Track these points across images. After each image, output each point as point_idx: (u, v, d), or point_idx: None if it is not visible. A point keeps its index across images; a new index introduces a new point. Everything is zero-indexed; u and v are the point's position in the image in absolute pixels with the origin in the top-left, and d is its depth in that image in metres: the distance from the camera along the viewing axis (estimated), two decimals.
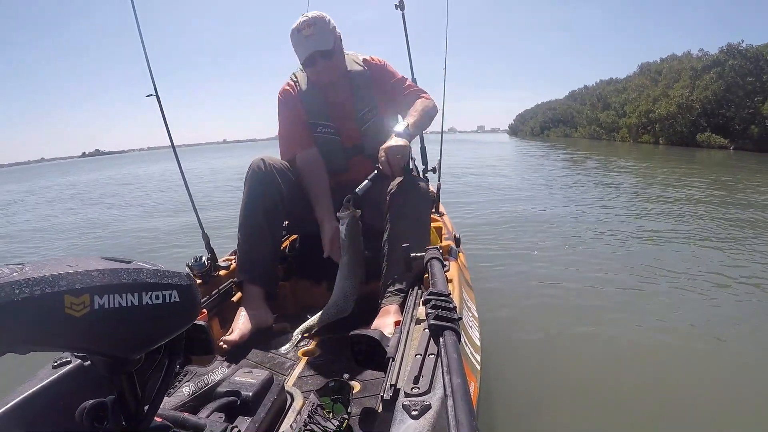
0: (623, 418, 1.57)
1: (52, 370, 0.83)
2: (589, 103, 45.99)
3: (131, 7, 1.48)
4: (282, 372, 1.21)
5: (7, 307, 0.41)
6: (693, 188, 7.50)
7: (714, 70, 24.27)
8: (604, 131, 38.60)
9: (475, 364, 1.15)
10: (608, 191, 7.38)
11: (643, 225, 4.69)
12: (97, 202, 10.06)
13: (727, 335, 2.15)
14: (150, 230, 5.72)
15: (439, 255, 1.31)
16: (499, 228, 4.59)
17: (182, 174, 1.66)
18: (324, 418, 0.90)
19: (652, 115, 28.75)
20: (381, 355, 0.94)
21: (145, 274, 0.52)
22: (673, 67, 30.64)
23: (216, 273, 1.55)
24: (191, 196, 1.65)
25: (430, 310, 0.83)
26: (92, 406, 0.54)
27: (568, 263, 3.30)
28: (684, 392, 1.70)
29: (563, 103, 59.79)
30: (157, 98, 1.54)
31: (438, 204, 2.27)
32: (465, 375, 0.60)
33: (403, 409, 0.63)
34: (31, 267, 0.45)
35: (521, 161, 15.49)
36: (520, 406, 1.63)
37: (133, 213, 7.34)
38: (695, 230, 4.40)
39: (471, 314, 1.40)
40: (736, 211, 5.29)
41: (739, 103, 22.75)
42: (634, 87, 35.39)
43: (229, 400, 0.88)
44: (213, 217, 4.99)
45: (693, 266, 3.21)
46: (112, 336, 0.50)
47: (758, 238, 4.06)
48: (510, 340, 2.10)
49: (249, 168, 1.53)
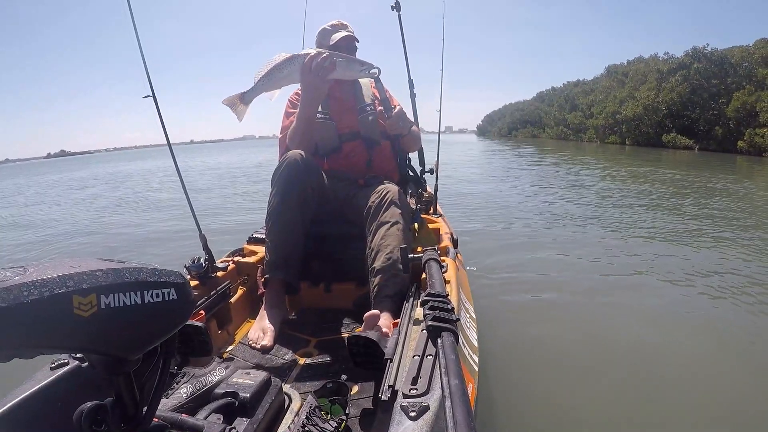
0: (622, 418, 1.58)
1: (50, 371, 0.82)
2: (556, 104, 46.60)
3: (128, 9, 1.47)
4: (280, 373, 1.21)
5: (17, 310, 0.41)
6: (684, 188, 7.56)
7: (680, 73, 24.87)
8: (572, 132, 39.20)
9: (473, 365, 1.15)
10: (603, 192, 7.41)
11: (636, 224, 4.71)
12: (83, 202, 9.83)
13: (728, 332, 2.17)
14: (143, 229, 5.67)
15: (436, 256, 1.31)
16: (494, 231, 4.59)
17: (179, 175, 1.65)
18: (322, 420, 0.90)
19: (619, 117, 29.33)
20: (379, 356, 0.95)
21: (144, 273, 0.53)
22: (640, 70, 31.12)
23: (214, 274, 1.54)
24: (188, 197, 1.64)
25: (428, 311, 0.83)
26: (91, 408, 0.54)
27: (565, 263, 3.31)
28: (684, 392, 1.71)
29: (531, 104, 60.31)
30: (154, 99, 1.53)
31: (435, 205, 2.27)
32: (463, 376, 0.61)
33: (401, 410, 0.64)
34: (34, 269, 0.45)
35: (498, 162, 15.70)
36: (518, 406, 1.64)
37: (131, 214, 7.28)
38: (692, 227, 4.44)
39: (469, 315, 1.40)
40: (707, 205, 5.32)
41: (704, 104, 23.38)
42: (602, 89, 36.02)
43: (227, 402, 0.88)
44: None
45: (693, 262, 3.23)
46: (116, 335, 0.50)
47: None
48: (508, 341, 2.11)
49: (284, 160, 1.53)
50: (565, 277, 2.99)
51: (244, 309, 1.59)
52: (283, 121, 1.80)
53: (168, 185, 11.16)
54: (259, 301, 1.54)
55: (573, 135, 38.70)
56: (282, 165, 1.53)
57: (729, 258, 3.44)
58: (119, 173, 18.68)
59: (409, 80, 2.20)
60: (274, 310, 1.47)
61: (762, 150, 18.02)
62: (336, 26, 1.83)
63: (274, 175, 1.56)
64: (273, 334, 1.38)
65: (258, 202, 6.87)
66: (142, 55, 1.50)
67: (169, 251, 4.24)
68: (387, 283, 1.34)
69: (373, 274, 1.39)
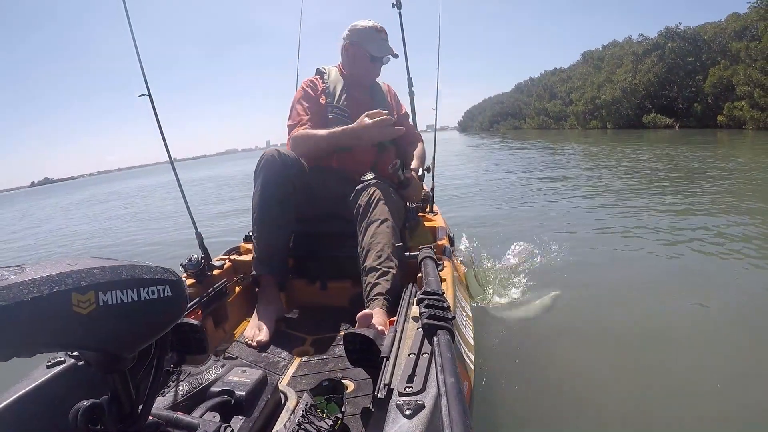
0: (621, 417, 1.58)
1: (46, 369, 0.82)
2: (535, 94, 47.01)
3: (124, 12, 1.46)
4: (276, 371, 1.21)
5: (17, 308, 0.41)
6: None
7: (655, 53, 25.20)
8: (553, 120, 39.56)
9: (469, 364, 1.16)
10: (596, 182, 7.42)
11: (628, 213, 4.72)
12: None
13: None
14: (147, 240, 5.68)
15: (432, 254, 1.32)
16: (490, 225, 4.60)
17: (176, 177, 1.66)
18: (318, 418, 0.90)
19: (598, 101, 29.62)
20: (375, 354, 0.95)
21: (139, 270, 0.53)
22: (615, 54, 31.48)
23: (210, 272, 1.54)
24: (185, 197, 1.65)
25: (423, 309, 0.84)
26: (87, 407, 0.55)
27: (562, 259, 3.31)
28: (685, 392, 1.70)
29: (510, 96, 60.67)
30: (150, 99, 1.52)
31: (432, 203, 2.27)
32: (458, 374, 0.61)
33: (397, 408, 0.64)
34: (32, 268, 0.45)
35: (485, 155, 15.86)
36: (514, 405, 1.64)
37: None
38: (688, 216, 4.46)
39: (465, 314, 1.40)
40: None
41: (681, 83, 23.89)
42: (579, 75, 36.41)
43: (223, 400, 0.88)
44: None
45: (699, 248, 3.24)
46: (114, 332, 0.51)
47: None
48: (504, 339, 2.11)
49: (262, 158, 1.54)
50: (563, 273, 2.99)
51: (240, 307, 1.59)
52: (295, 107, 1.79)
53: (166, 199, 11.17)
54: (255, 299, 1.54)
55: (554, 123, 39.11)
56: (260, 163, 1.54)
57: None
58: (119, 192, 18.83)
59: (408, 78, 2.20)
60: (269, 306, 1.48)
61: (741, 122, 18.38)
62: (381, 32, 1.84)
63: (254, 172, 1.57)
64: (269, 330, 1.38)
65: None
66: (137, 51, 1.49)
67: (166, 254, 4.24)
68: (379, 281, 1.34)
69: (365, 272, 1.39)
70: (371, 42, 1.80)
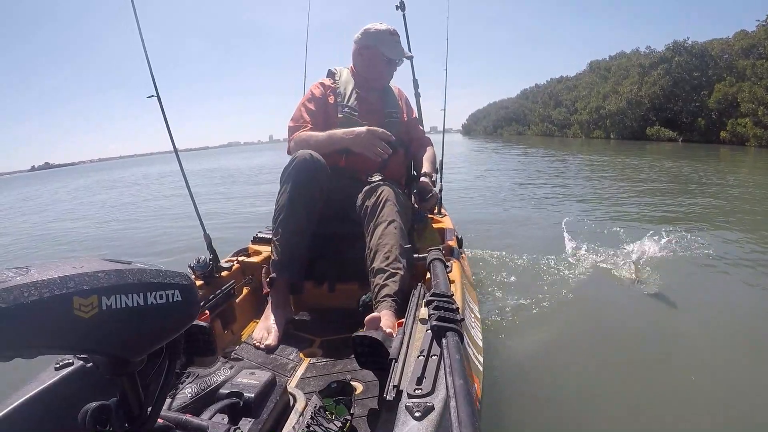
0: (629, 422, 1.56)
1: (54, 371, 0.83)
2: (540, 101, 46.55)
3: (132, 7, 1.47)
4: (284, 373, 1.21)
5: (17, 310, 0.41)
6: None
7: (661, 67, 25.08)
8: (557, 128, 39.22)
9: (477, 365, 1.15)
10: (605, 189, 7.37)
11: (631, 214, 4.68)
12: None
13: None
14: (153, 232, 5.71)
15: (441, 256, 1.31)
16: (497, 227, 4.57)
17: (184, 175, 1.66)
18: (327, 420, 0.89)
19: (603, 111, 29.47)
20: (383, 356, 0.94)
21: (148, 274, 0.53)
22: (622, 65, 31.27)
23: (218, 274, 1.54)
24: (193, 197, 1.65)
25: (432, 311, 0.83)
26: (95, 408, 0.55)
27: (572, 261, 3.28)
28: (690, 394, 1.69)
29: (515, 101, 60.02)
30: (159, 101, 1.53)
31: (440, 204, 2.26)
32: (467, 376, 0.60)
33: (406, 410, 0.63)
34: (37, 269, 0.45)
35: (492, 158, 15.86)
36: (523, 407, 1.62)
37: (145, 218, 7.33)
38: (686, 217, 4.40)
39: (473, 315, 1.39)
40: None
41: (686, 97, 23.75)
42: (585, 84, 36.07)
43: (232, 402, 0.88)
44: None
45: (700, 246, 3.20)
46: (118, 337, 0.50)
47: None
48: (513, 341, 2.10)
49: (294, 160, 1.53)
50: (573, 274, 2.96)
51: (248, 309, 1.59)
52: (300, 109, 1.79)
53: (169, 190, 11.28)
54: (264, 301, 1.54)
55: (558, 131, 38.86)
56: (291, 164, 1.53)
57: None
58: (122, 179, 18.97)
59: (413, 79, 2.20)
60: (279, 310, 1.47)
61: (744, 139, 18.25)
62: (395, 35, 1.85)
63: (283, 173, 1.55)
64: (277, 333, 1.38)
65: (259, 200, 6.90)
66: (146, 54, 1.50)
67: (176, 252, 4.26)
68: (387, 282, 1.34)
69: (373, 274, 1.38)
70: (386, 45, 1.81)
